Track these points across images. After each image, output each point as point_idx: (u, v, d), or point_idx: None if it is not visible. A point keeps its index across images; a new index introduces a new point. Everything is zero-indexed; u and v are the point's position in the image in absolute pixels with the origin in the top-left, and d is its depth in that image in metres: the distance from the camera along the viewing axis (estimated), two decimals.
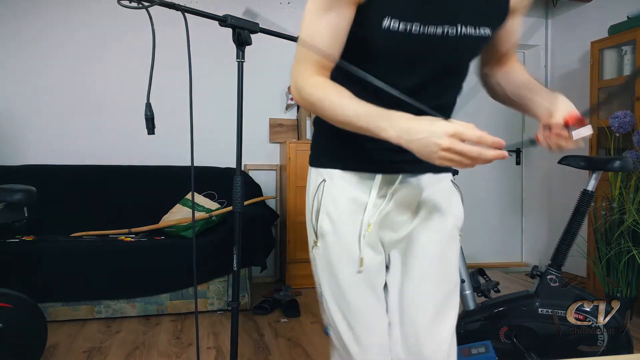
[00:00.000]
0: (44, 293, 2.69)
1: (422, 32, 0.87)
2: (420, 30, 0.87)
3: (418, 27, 0.87)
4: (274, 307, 3.09)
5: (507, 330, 1.92)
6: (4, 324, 1.89)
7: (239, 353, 2.30)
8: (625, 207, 2.92)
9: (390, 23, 0.86)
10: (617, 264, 2.94)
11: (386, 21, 0.86)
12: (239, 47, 1.56)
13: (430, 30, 0.87)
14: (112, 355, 2.35)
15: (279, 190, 3.90)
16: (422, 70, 0.93)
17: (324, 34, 0.90)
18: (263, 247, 3.09)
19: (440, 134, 0.74)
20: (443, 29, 0.88)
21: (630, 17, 3.23)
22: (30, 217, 2.04)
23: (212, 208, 3.16)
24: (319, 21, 0.90)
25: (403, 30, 0.86)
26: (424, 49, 0.90)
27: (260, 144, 3.89)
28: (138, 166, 3.51)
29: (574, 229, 1.99)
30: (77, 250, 2.83)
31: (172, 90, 3.23)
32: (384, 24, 0.86)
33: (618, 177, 3.00)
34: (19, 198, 1.95)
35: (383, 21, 0.86)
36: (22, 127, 3.49)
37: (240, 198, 1.56)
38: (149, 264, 2.87)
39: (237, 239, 1.56)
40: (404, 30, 0.86)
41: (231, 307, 1.59)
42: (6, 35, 3.46)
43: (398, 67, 0.93)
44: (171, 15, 1.67)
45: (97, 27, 3.59)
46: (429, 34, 0.88)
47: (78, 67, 3.57)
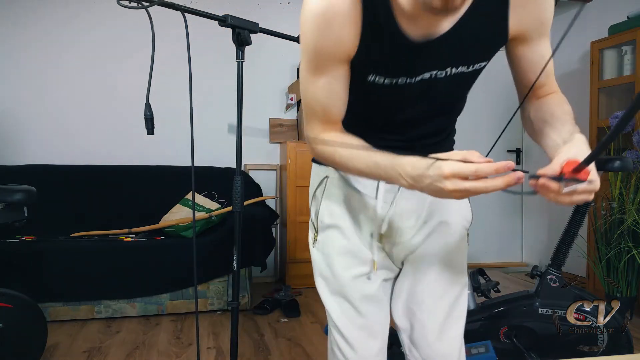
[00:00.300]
0: (44, 293, 2.70)
1: (409, 82, 0.86)
2: (406, 81, 0.85)
3: (404, 80, 0.85)
4: (274, 307, 3.09)
5: (507, 330, 1.92)
6: (4, 324, 1.89)
7: (239, 353, 2.30)
8: (625, 207, 2.92)
9: (375, 78, 0.86)
10: (617, 264, 2.93)
11: (371, 77, 0.86)
12: (239, 47, 1.56)
13: (417, 79, 0.85)
14: (112, 355, 2.35)
15: (279, 190, 3.90)
16: (415, 107, 0.92)
17: (321, 96, 0.89)
18: (263, 247, 3.09)
19: (439, 178, 0.72)
20: (431, 74, 0.85)
21: (630, 17, 3.23)
22: (30, 217, 2.04)
23: (212, 208, 3.16)
24: (314, 84, 0.88)
25: (389, 83, 0.86)
26: (411, 95, 0.88)
27: (260, 144, 3.89)
28: (138, 166, 3.51)
29: (574, 229, 1.98)
30: (77, 250, 2.83)
31: (172, 90, 3.24)
32: (369, 78, 0.86)
33: (618, 177, 3.00)
34: (19, 198, 1.95)
35: (368, 76, 0.86)
36: (22, 127, 3.50)
37: (240, 198, 1.57)
38: (149, 264, 2.87)
39: (237, 239, 1.56)
40: (389, 83, 0.86)
41: (231, 307, 1.59)
42: (7, 36, 3.46)
43: (390, 106, 0.93)
44: (171, 15, 1.67)
45: (97, 28, 3.59)
46: (417, 81, 0.86)
47: (78, 67, 3.57)
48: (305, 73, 0.89)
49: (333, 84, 0.87)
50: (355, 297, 1.02)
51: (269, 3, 3.88)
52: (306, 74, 0.89)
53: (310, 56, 0.85)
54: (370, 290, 1.03)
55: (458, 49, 0.83)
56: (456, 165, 0.70)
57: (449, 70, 0.85)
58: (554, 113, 0.86)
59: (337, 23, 0.80)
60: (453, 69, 0.85)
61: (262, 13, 3.80)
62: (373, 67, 0.85)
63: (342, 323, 1.04)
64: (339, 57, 0.84)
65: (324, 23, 0.80)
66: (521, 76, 0.93)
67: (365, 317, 1.03)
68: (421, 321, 1.03)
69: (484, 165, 0.69)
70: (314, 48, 0.84)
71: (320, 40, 0.82)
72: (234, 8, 3.65)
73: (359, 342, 1.03)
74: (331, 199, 1.04)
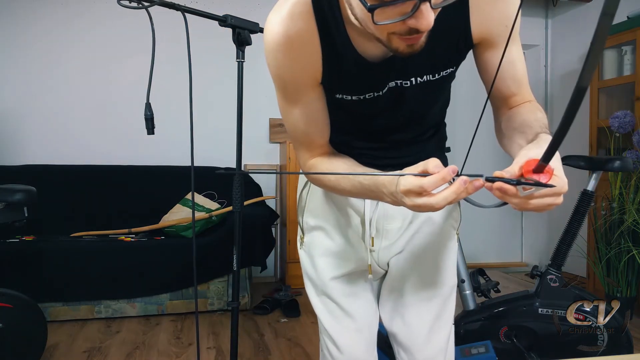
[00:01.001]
0: (44, 293, 2.70)
1: (378, 95, 0.85)
2: (374, 95, 0.85)
3: (372, 94, 0.85)
4: (274, 307, 3.08)
5: (507, 330, 1.92)
6: (4, 324, 1.89)
7: (239, 353, 2.30)
8: (625, 207, 2.92)
9: (343, 96, 0.86)
10: (617, 264, 2.93)
11: (339, 95, 0.86)
12: (239, 47, 1.56)
13: (384, 90, 0.85)
14: (112, 355, 2.35)
15: (279, 190, 3.90)
16: (388, 116, 0.91)
17: (300, 124, 0.89)
18: (263, 247, 3.09)
19: (400, 195, 0.70)
20: (396, 83, 0.84)
21: (630, 17, 3.23)
22: (30, 217, 2.04)
23: (212, 208, 3.16)
24: (291, 113, 0.88)
25: (357, 99, 0.86)
26: (383, 105, 0.87)
27: (260, 144, 3.89)
28: (138, 166, 3.51)
29: (574, 229, 1.98)
30: (77, 250, 2.83)
31: (172, 90, 3.23)
32: (337, 96, 0.86)
33: (618, 177, 3.00)
34: (19, 198, 1.95)
35: (336, 94, 0.86)
36: (22, 127, 3.49)
37: (240, 198, 1.56)
38: (149, 264, 2.87)
39: (237, 239, 1.56)
40: (357, 99, 0.86)
41: (231, 307, 1.59)
42: (7, 36, 3.46)
43: (363, 118, 0.92)
44: (171, 15, 1.67)
45: (97, 28, 3.58)
46: (385, 92, 0.85)
47: (78, 67, 3.57)
48: (281, 104, 0.89)
49: (309, 110, 0.87)
50: (339, 296, 1.03)
51: (269, 3, 3.84)
52: (282, 105, 0.89)
53: (280, 86, 0.86)
54: (354, 289, 1.03)
55: (420, 60, 0.79)
56: (408, 181, 0.67)
57: (413, 80, 0.83)
58: (524, 120, 0.79)
59: (298, 51, 0.80)
60: (418, 78, 0.83)
61: (262, 13, 3.78)
62: (338, 88, 0.85)
63: (329, 323, 1.04)
64: (308, 83, 0.84)
65: (285, 52, 0.80)
66: (488, 84, 0.87)
67: (351, 316, 1.03)
68: (409, 325, 1.03)
69: (428, 179, 0.64)
70: (281, 78, 0.84)
71: (285, 69, 0.83)
72: (234, 8, 3.64)
73: (346, 342, 1.03)
74: (316, 201, 1.04)
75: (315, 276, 1.05)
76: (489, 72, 0.86)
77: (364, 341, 1.05)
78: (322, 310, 1.05)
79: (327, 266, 1.03)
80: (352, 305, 1.03)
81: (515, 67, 0.86)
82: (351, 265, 1.02)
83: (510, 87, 0.86)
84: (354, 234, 1.01)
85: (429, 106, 0.94)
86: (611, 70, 3.39)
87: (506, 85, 0.86)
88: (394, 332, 1.06)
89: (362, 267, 1.03)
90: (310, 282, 1.08)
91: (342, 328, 1.03)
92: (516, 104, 0.88)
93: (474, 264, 3.34)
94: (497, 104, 0.91)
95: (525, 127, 0.77)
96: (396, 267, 1.03)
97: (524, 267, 4.44)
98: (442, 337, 1.04)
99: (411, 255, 1.02)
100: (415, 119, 0.94)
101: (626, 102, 3.34)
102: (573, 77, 3.96)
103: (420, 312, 1.03)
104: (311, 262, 1.06)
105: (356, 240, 1.01)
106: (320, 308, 1.06)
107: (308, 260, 1.07)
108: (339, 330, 1.03)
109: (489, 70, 0.86)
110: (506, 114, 0.88)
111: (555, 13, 4.24)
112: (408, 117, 0.92)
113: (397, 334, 1.06)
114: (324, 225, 1.03)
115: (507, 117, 0.86)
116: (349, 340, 1.03)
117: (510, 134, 0.81)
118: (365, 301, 1.05)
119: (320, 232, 1.04)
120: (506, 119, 0.86)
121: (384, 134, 0.95)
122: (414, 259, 1.02)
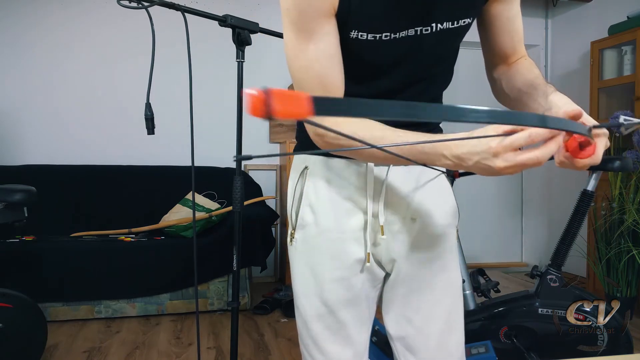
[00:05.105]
0: (44, 293, 2.70)
1: (394, 38, 0.81)
2: (391, 37, 0.80)
3: (388, 36, 0.80)
4: (274, 307, 3.09)
5: (507, 330, 1.92)
6: (4, 324, 1.89)
7: (239, 353, 2.30)
8: (625, 207, 2.92)
9: (358, 35, 0.80)
10: (617, 264, 2.93)
11: (353, 33, 0.80)
12: (239, 47, 1.56)
13: (402, 34, 0.81)
14: (112, 355, 2.35)
15: (278, 190, 3.90)
16: (400, 69, 0.87)
17: (315, 66, 0.79)
18: (263, 247, 3.09)
19: (487, 155, 0.65)
20: (416, 30, 0.81)
21: (630, 17, 3.23)
22: (30, 217, 2.04)
23: (212, 208, 3.16)
24: (304, 52, 0.78)
25: (372, 39, 0.80)
26: (397, 52, 0.84)
27: (260, 144, 3.89)
28: (138, 166, 3.51)
29: (574, 229, 1.98)
30: (77, 250, 2.83)
31: (172, 90, 3.23)
32: (352, 35, 0.80)
33: (618, 177, 3.00)
34: (19, 198, 1.95)
35: (350, 33, 0.80)
36: (22, 127, 3.50)
37: (240, 198, 1.56)
38: (149, 264, 2.87)
39: (237, 239, 1.56)
40: (373, 39, 0.80)
41: (231, 307, 1.59)
42: (7, 36, 3.46)
43: (374, 71, 0.87)
44: (171, 15, 1.67)
45: (97, 28, 3.59)
46: (401, 38, 0.81)
47: (78, 67, 3.57)
48: (291, 43, 0.79)
49: (325, 45, 0.78)
50: (334, 301, 0.94)
51: (269, 3, 3.88)
52: (293, 43, 0.79)
53: (293, 17, 0.77)
54: (351, 294, 0.94)
55: (442, 2, 0.79)
56: (494, 142, 0.64)
57: (434, 26, 0.81)
58: (527, 80, 0.86)
59: None
60: (438, 25, 0.80)
61: (262, 13, 3.80)
62: (355, 22, 0.79)
63: (317, 330, 0.95)
64: (325, 10, 0.76)
65: None
66: (493, 39, 0.91)
67: (343, 326, 0.95)
68: (419, 328, 0.97)
69: (536, 129, 0.60)
70: (296, 5, 0.76)
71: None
72: (234, 8, 3.64)
73: (333, 351, 0.95)
74: (312, 192, 0.96)
75: (310, 276, 0.96)
76: (496, 27, 0.90)
77: (353, 351, 0.97)
78: (311, 314, 0.95)
79: (323, 266, 0.94)
80: (347, 313, 0.95)
81: (519, 22, 0.91)
82: (350, 268, 0.95)
83: (513, 42, 0.91)
84: (356, 230, 0.94)
85: (441, 62, 0.90)
86: (611, 70, 3.39)
87: (510, 39, 0.91)
88: (400, 336, 0.99)
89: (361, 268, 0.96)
90: (301, 282, 0.98)
91: (332, 334, 0.95)
92: (514, 60, 0.93)
93: (474, 264, 3.33)
94: (495, 61, 0.95)
95: (530, 87, 0.84)
96: (402, 272, 0.97)
97: (524, 267, 4.44)
98: (456, 340, 0.99)
99: (416, 259, 0.97)
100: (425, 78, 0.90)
101: (626, 102, 3.34)
102: (573, 77, 3.97)
103: (431, 315, 0.97)
104: (305, 260, 0.97)
105: (358, 237, 0.94)
106: (308, 312, 0.96)
107: (300, 258, 0.97)
108: (326, 337, 0.95)
109: (497, 25, 0.90)
110: (506, 72, 0.92)
111: (555, 13, 4.24)
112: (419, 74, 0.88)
113: (404, 337, 0.99)
114: (323, 220, 0.94)
115: (508, 77, 0.90)
116: (339, 349, 0.95)
117: (516, 95, 0.87)
118: (360, 307, 0.97)
119: (317, 228, 0.94)
120: (507, 78, 0.91)
121: (391, 97, 0.87)
122: (419, 262, 0.97)
